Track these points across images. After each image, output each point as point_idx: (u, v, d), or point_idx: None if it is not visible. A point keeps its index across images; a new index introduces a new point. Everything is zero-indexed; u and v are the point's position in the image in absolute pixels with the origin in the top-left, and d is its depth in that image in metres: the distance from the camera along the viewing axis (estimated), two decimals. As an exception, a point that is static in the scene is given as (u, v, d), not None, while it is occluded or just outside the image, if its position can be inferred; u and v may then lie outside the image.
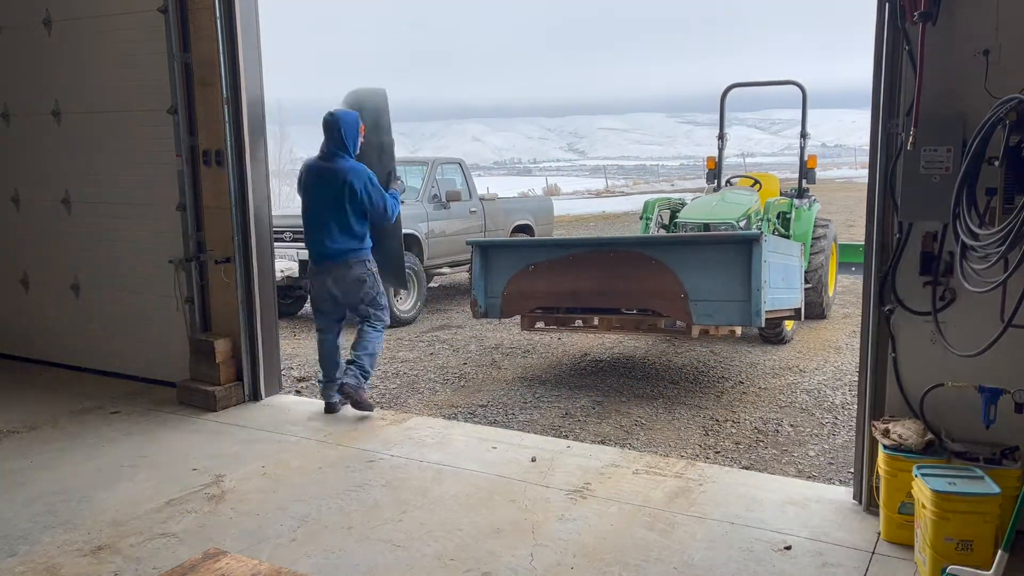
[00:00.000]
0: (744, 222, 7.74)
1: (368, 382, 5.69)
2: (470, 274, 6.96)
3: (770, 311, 6.02)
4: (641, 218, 8.41)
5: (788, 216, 8.61)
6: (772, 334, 7.99)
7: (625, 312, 6.41)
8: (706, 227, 7.69)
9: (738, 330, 6.82)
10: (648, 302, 6.11)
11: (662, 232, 8.51)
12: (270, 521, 4.03)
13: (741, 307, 5.67)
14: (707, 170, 9.87)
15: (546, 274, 6.33)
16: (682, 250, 5.96)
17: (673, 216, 8.64)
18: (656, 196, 9.52)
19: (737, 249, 5.71)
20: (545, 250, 6.51)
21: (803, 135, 9.49)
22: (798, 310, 7.45)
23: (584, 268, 6.22)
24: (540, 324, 6.81)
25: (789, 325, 8.11)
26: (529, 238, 8.70)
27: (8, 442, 5.24)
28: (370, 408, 5.62)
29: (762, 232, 6.02)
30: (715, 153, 9.77)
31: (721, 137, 9.73)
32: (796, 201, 8.92)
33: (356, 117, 5.64)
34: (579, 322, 6.73)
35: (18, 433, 5.40)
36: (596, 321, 6.64)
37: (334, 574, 3.52)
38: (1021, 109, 3.07)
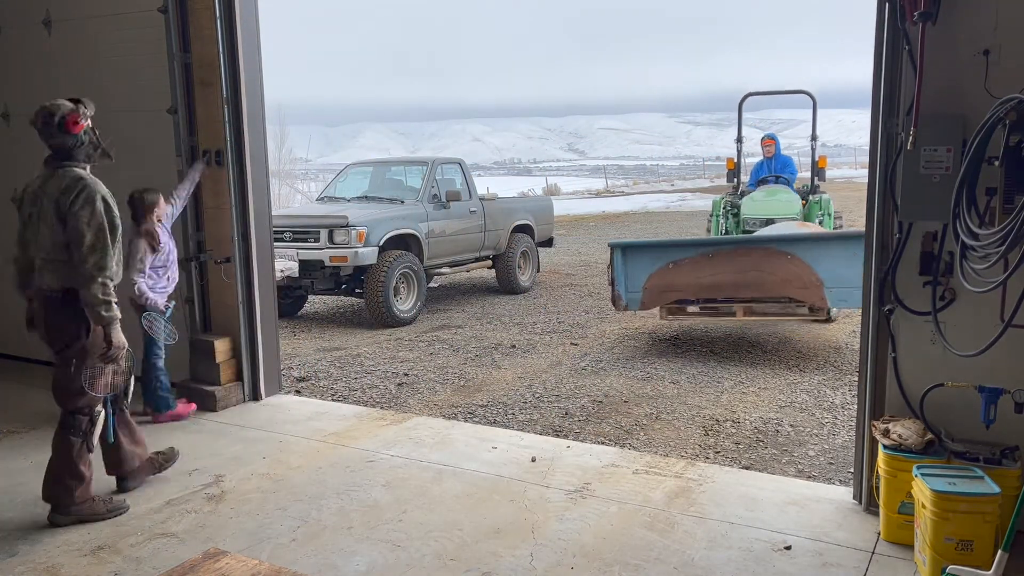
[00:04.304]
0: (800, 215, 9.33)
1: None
2: (609, 272, 7.72)
3: None
4: (711, 217, 9.71)
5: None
6: (827, 316, 8.04)
7: (766, 300, 7.36)
8: (769, 221, 9.14)
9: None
10: (785, 291, 7.15)
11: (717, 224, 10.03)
12: (270, 521, 4.03)
13: None
14: (727, 170, 11.08)
15: (686, 270, 7.32)
16: (815, 245, 7.10)
17: (735, 212, 9.89)
18: (719, 196, 10.58)
19: (860, 242, 6.15)
20: (682, 249, 7.50)
21: (814, 138, 10.75)
22: None
23: (721, 264, 7.25)
24: (693, 308, 7.71)
25: None
26: (668, 238, 9.80)
27: (8, 442, 5.25)
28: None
29: None
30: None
31: (739, 140, 10.86)
32: (811, 197, 10.16)
33: None
34: (702, 309, 7.74)
35: (18, 433, 5.40)
36: (735, 309, 7.53)
37: (334, 574, 3.52)
38: (1021, 109, 3.07)
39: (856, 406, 4.14)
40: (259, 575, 3.40)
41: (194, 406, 5.73)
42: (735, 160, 10.92)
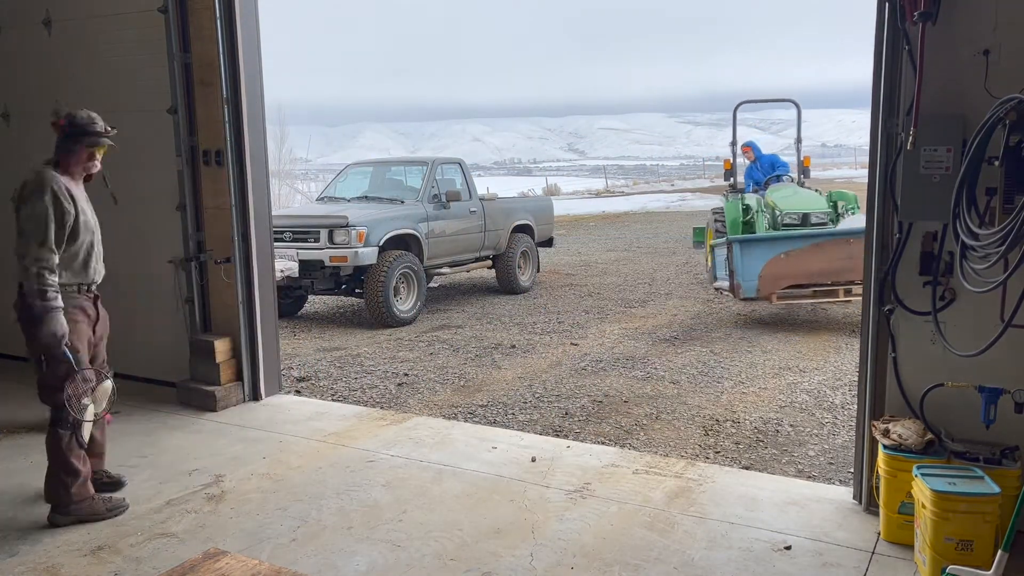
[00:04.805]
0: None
1: None
2: (728, 264, 8.68)
3: None
4: (758, 212, 10.68)
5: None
6: None
7: (860, 283, 8.17)
8: (806, 216, 10.24)
9: None
10: None
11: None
12: (270, 521, 4.03)
13: None
14: (724, 170, 12.65)
15: (796, 259, 8.38)
16: None
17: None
18: (731, 199, 11.52)
19: None
20: (791, 241, 8.63)
21: (799, 140, 12.67)
22: None
23: (827, 252, 8.31)
24: (805, 292, 8.58)
25: None
26: (780, 232, 10.01)
27: (8, 442, 5.25)
28: None
29: None
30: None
31: (734, 143, 12.40)
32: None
33: None
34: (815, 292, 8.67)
35: (18, 433, 5.40)
36: (838, 291, 8.50)
37: (334, 574, 3.52)
38: (1021, 109, 3.07)
39: (856, 406, 4.14)
40: (259, 575, 3.40)
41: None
42: (731, 161, 12.34)
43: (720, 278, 9.30)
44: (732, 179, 12.28)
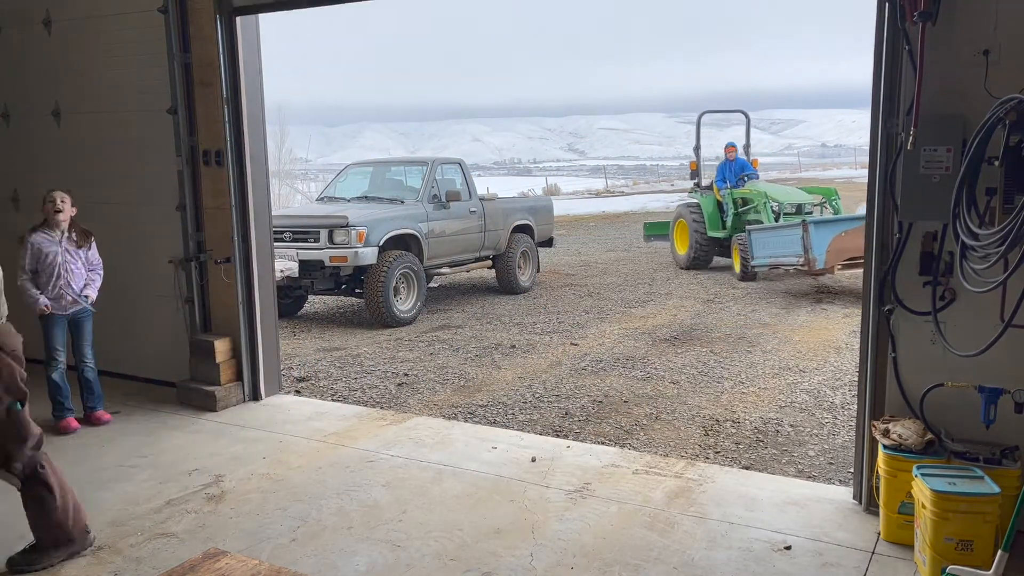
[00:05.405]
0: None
1: None
2: (803, 243, 10.20)
3: None
4: (758, 203, 12.33)
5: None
6: None
7: None
8: (800, 207, 12.21)
9: None
10: None
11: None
12: (270, 521, 4.03)
13: None
14: (691, 170, 14.37)
15: (853, 236, 9.67)
16: None
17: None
18: (701, 196, 13.65)
19: None
20: (849, 222, 10.35)
21: (747, 147, 14.37)
22: None
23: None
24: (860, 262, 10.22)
25: None
26: (841, 215, 12.08)
27: None
28: None
29: None
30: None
31: (698, 148, 14.29)
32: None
33: None
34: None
35: None
36: None
37: (334, 574, 3.52)
38: (1021, 109, 3.07)
39: (856, 406, 4.14)
40: (259, 575, 3.40)
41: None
42: (696, 163, 14.15)
43: (757, 257, 11.26)
44: (698, 179, 13.99)
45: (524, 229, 11.86)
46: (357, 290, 9.57)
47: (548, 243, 12.86)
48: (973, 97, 3.49)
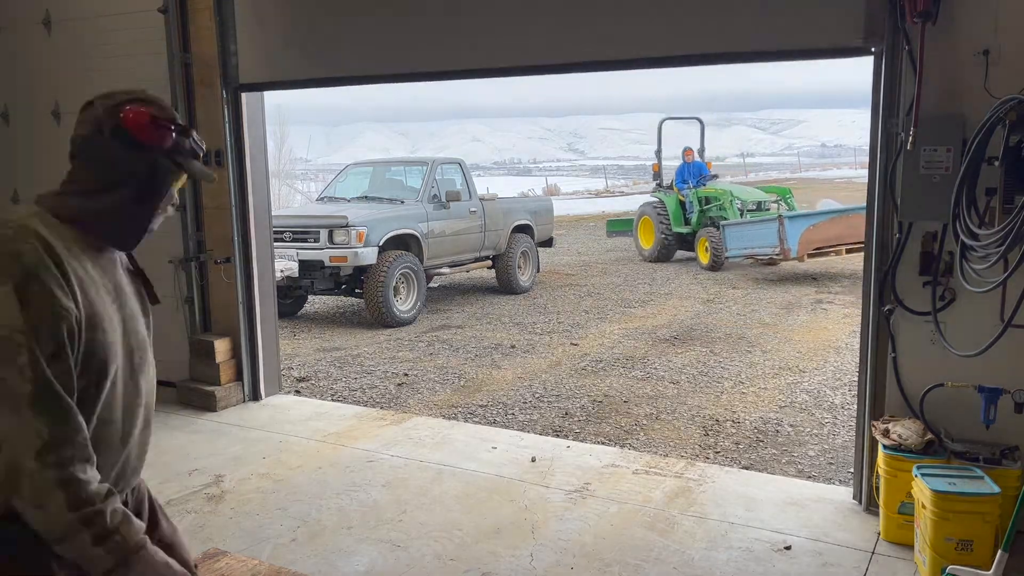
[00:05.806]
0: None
1: None
2: (779, 236, 11.55)
3: None
4: (723, 202, 13.63)
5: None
6: None
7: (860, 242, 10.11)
8: (760, 204, 13.87)
9: None
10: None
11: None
12: (270, 521, 4.03)
13: None
14: (653, 172, 15.53)
15: (821, 229, 11.58)
16: None
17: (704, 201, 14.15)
18: (663, 195, 14.67)
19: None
20: (820, 216, 12.01)
21: (702, 150, 15.39)
22: None
23: (837, 224, 11.64)
24: (831, 249, 11.88)
25: None
26: (810, 211, 13.40)
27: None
28: None
29: None
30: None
31: (659, 152, 15.32)
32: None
33: None
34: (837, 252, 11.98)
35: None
36: (841, 250, 11.78)
37: (334, 574, 3.52)
38: (1021, 109, 3.08)
39: (856, 406, 4.14)
40: (259, 575, 3.40)
41: None
42: (658, 165, 15.26)
43: (731, 249, 12.65)
44: (659, 179, 15.30)
45: (524, 229, 11.86)
46: (357, 290, 9.57)
47: (548, 243, 12.86)
48: (973, 97, 3.49)
